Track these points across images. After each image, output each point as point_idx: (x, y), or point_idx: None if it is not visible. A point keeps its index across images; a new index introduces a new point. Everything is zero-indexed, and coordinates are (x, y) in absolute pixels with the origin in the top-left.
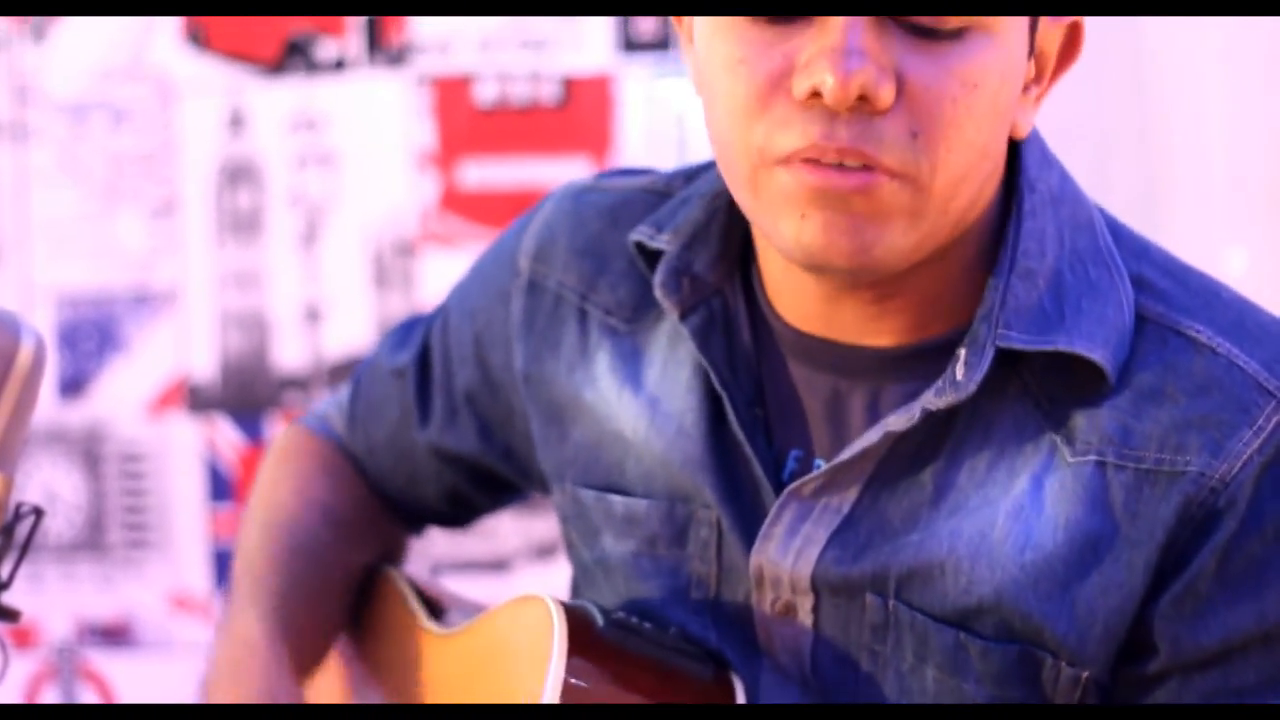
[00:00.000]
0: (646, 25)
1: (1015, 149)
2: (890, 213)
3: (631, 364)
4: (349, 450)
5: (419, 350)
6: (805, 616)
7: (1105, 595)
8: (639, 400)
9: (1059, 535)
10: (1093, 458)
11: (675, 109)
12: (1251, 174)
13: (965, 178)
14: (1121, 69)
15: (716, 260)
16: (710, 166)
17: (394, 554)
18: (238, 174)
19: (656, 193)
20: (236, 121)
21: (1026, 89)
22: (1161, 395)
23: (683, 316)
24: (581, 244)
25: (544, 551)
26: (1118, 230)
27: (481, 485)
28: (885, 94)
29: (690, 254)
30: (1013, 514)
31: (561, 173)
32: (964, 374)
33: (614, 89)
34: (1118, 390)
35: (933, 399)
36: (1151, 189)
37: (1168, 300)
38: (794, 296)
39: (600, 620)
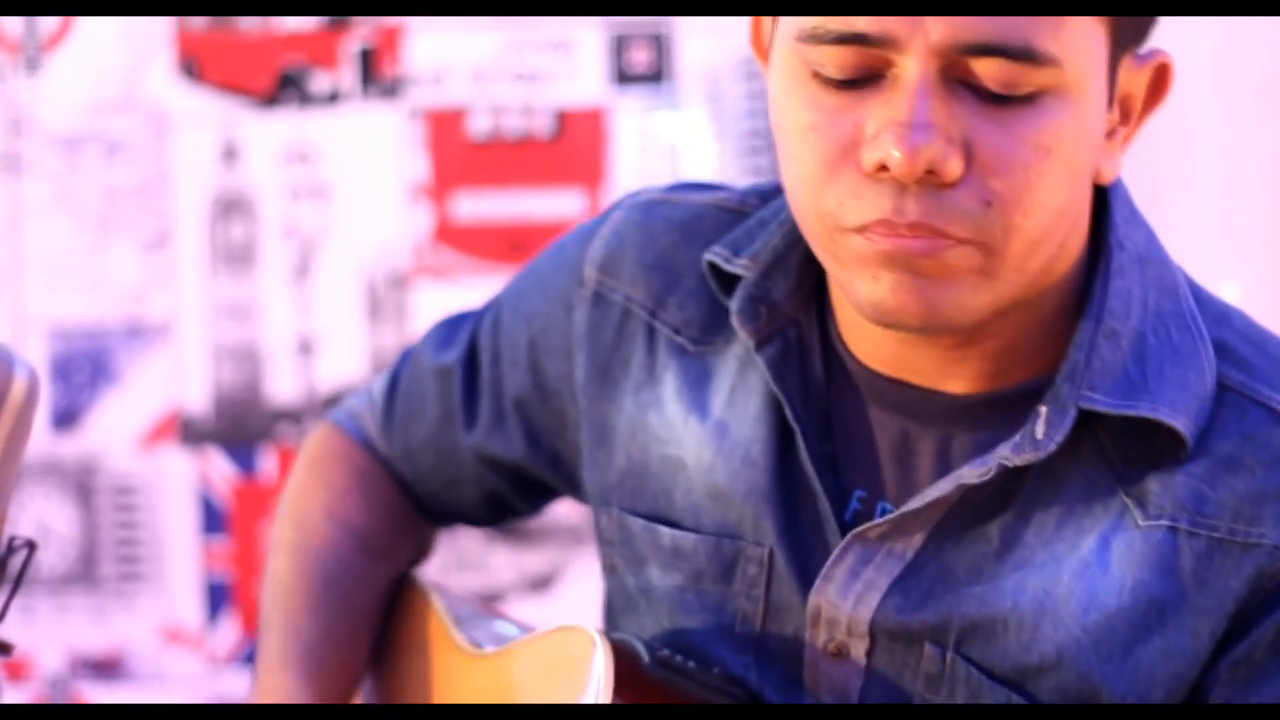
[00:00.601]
0: (639, 58)
1: (1103, 199)
2: (959, 273)
3: (698, 388)
4: (382, 452)
5: (466, 349)
6: (859, 658)
7: (1167, 661)
8: (705, 426)
9: (1124, 597)
10: (1165, 523)
11: (668, 142)
12: (1243, 206)
13: (1042, 239)
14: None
15: (794, 290)
16: None
17: (420, 556)
18: (231, 206)
19: (731, 210)
20: (230, 154)
21: (1112, 134)
22: (1239, 465)
23: (758, 346)
24: (651, 258)
25: (537, 584)
26: (1200, 294)
27: (523, 490)
28: (953, 167)
29: (769, 282)
30: (1078, 572)
31: (554, 206)
32: (1044, 433)
33: (607, 122)
34: (1194, 458)
35: (1010, 455)
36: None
37: (1249, 370)
38: (868, 338)
39: (645, 657)
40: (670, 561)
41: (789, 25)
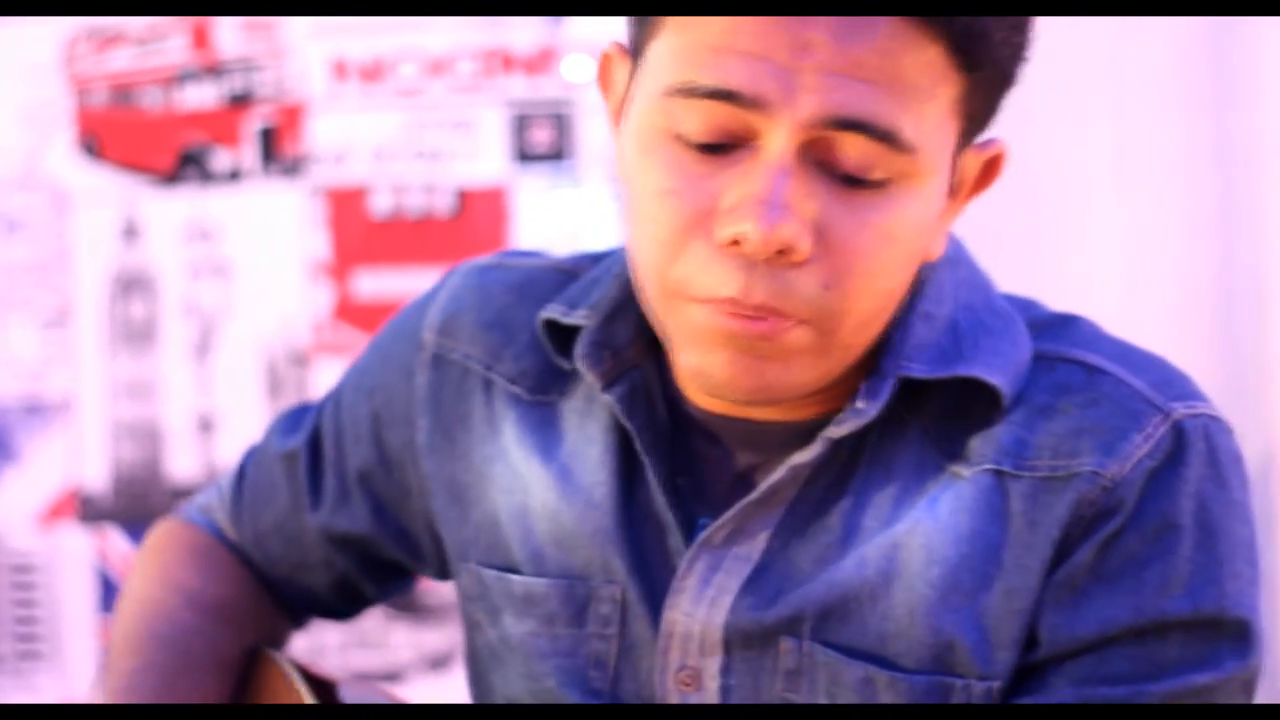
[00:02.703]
0: (540, 136)
1: None
2: (795, 354)
3: (538, 435)
4: (232, 540)
5: (311, 433)
6: (711, 681)
7: (1010, 600)
8: (549, 471)
9: (962, 547)
10: (989, 467)
11: (569, 220)
12: (1144, 281)
13: (872, 320)
14: (1012, 179)
15: (634, 339)
16: (618, 251)
17: (275, 641)
18: (131, 284)
19: (564, 271)
20: (130, 232)
21: (942, 215)
22: (1054, 411)
23: (606, 387)
24: (489, 317)
25: (437, 663)
26: (1006, 295)
27: (371, 571)
28: (805, 247)
29: (610, 329)
30: (912, 532)
31: None
32: (865, 402)
33: (508, 200)
34: (1011, 414)
35: (834, 429)
36: (1041, 296)
37: (1057, 338)
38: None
39: None
40: (523, 609)
41: (654, 82)
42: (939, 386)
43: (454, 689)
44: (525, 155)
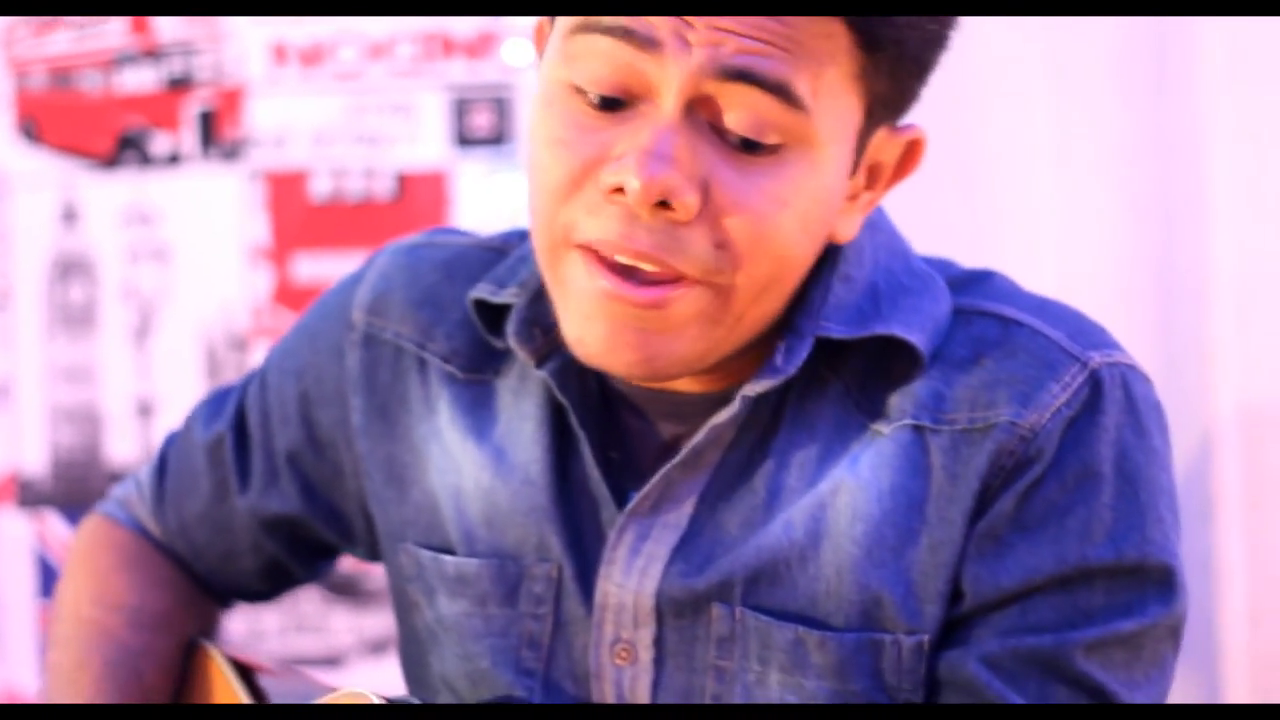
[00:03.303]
0: (480, 120)
1: None
2: (684, 324)
3: (472, 414)
4: (151, 533)
5: (234, 417)
6: (645, 653)
7: (935, 554)
8: (483, 451)
9: (885, 502)
10: (909, 422)
11: (510, 204)
12: (1084, 266)
13: (767, 289)
14: (953, 164)
15: None
16: None
17: (207, 631)
18: (70, 268)
19: (493, 249)
20: (69, 215)
21: (855, 197)
22: (971, 364)
23: (539, 364)
24: (418, 296)
25: (377, 647)
26: (925, 258)
27: (300, 552)
28: (688, 201)
29: (539, 306)
30: (834, 490)
31: None
32: (783, 360)
33: (448, 184)
34: (930, 368)
35: (751, 386)
36: (980, 249)
37: (974, 293)
38: None
39: None
40: (456, 589)
41: (560, 29)
42: (858, 346)
43: (394, 673)
44: (465, 139)
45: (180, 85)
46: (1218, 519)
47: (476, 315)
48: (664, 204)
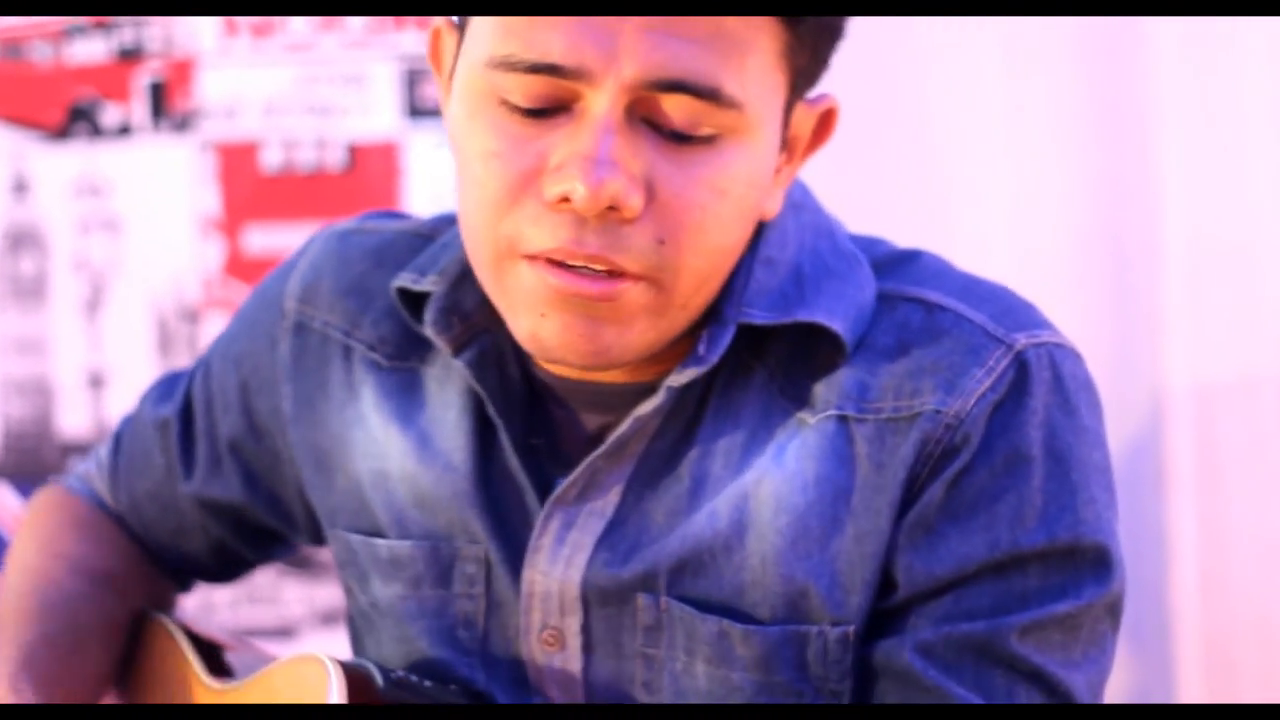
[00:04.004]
0: (432, 92)
1: None
2: (632, 315)
3: (396, 400)
4: (111, 508)
5: (182, 401)
6: (573, 640)
7: (861, 544)
8: (407, 436)
9: (810, 493)
10: (833, 413)
11: None
12: (1038, 235)
13: (709, 276)
14: (907, 147)
15: (483, 302)
16: None
17: (162, 605)
18: (21, 240)
19: (422, 235)
20: (20, 187)
21: (778, 171)
22: (895, 351)
23: (456, 352)
24: (346, 284)
25: (329, 618)
26: (853, 236)
27: (247, 537)
28: (634, 203)
29: (458, 294)
30: (759, 480)
31: None
32: (706, 349)
33: (400, 155)
34: (854, 356)
35: (675, 376)
36: (934, 249)
37: (898, 276)
38: None
39: (380, 680)
40: (389, 572)
41: (478, 51)
42: (782, 332)
43: (346, 644)
44: (417, 110)
45: (131, 56)
46: (1170, 491)
47: (401, 303)
48: (611, 207)
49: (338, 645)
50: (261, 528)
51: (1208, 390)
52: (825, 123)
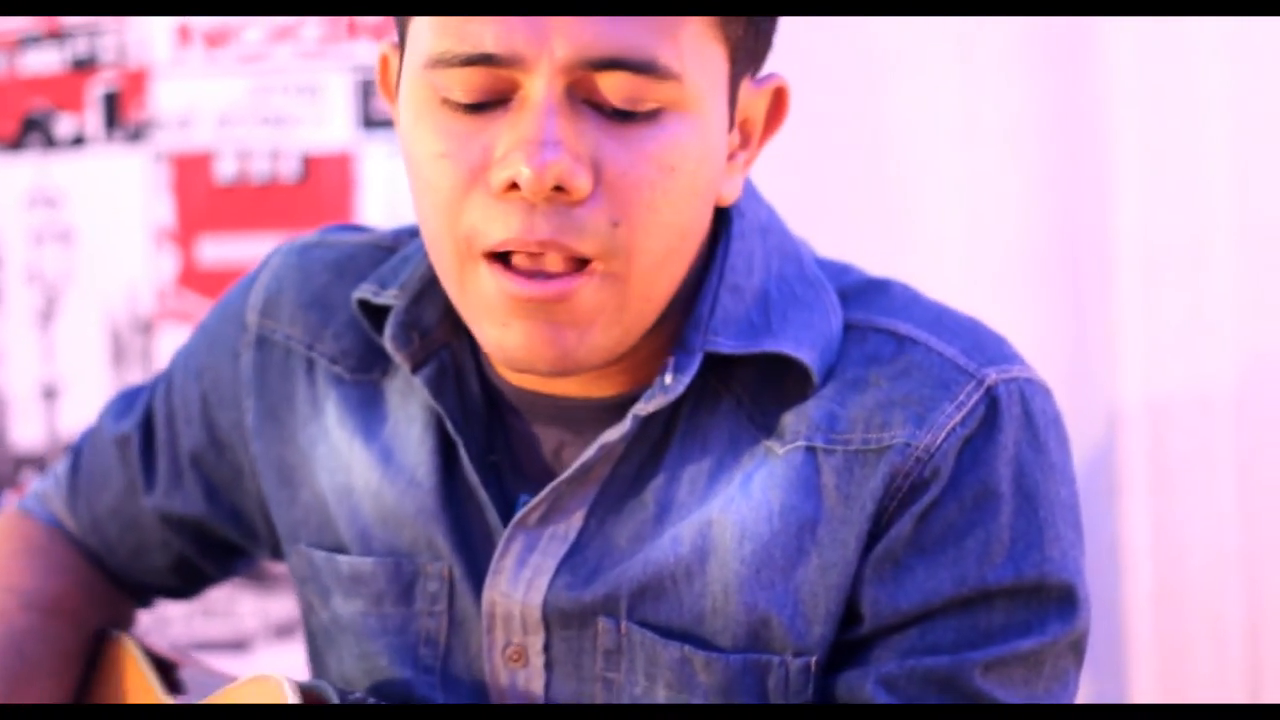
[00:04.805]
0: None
1: None
2: (593, 314)
3: (359, 414)
4: (66, 527)
5: (143, 416)
6: (536, 658)
7: (825, 575)
8: (371, 451)
9: (775, 523)
10: (802, 444)
11: None
12: (991, 244)
13: (665, 262)
14: (859, 155)
15: (443, 317)
16: None
17: (121, 623)
18: None
19: (384, 248)
20: None
21: (733, 157)
22: (865, 383)
23: (415, 369)
24: (308, 297)
25: (283, 631)
26: (821, 261)
27: (209, 552)
28: (581, 183)
29: (418, 309)
30: (726, 509)
31: None
32: (673, 378)
33: (354, 166)
34: (823, 387)
35: (642, 405)
36: (890, 258)
37: (868, 306)
38: None
39: (336, 701)
40: (351, 588)
41: (416, 55)
42: (749, 360)
43: (300, 657)
44: (371, 121)
45: (84, 67)
46: (1123, 504)
47: (362, 315)
48: (558, 188)
49: (292, 658)
50: (223, 542)
51: (1162, 401)
52: (778, 104)
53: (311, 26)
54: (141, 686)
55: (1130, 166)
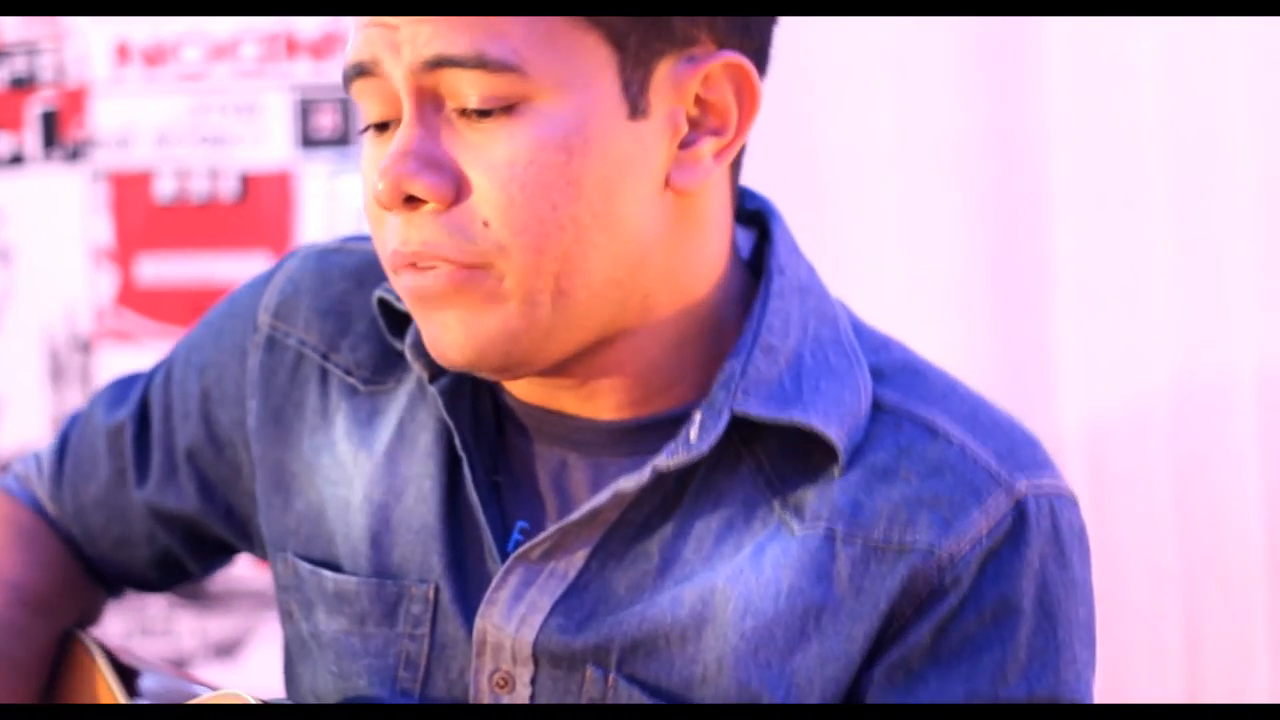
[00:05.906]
0: (325, 121)
1: (765, 231)
2: (487, 302)
3: (367, 426)
4: (50, 514)
5: (138, 406)
6: (523, 688)
7: (824, 666)
8: (373, 462)
9: (781, 603)
10: (822, 528)
11: (354, 205)
12: (927, 268)
13: (569, 254)
14: (795, 172)
15: None
16: None
17: (89, 618)
18: None
19: None
20: None
21: (690, 144)
22: (894, 475)
23: (432, 379)
24: (325, 304)
25: (222, 650)
26: (859, 327)
27: (196, 548)
28: (431, 187)
29: None
30: (733, 579)
31: (240, 268)
32: (698, 436)
33: (293, 185)
34: (850, 469)
35: (664, 460)
36: (825, 281)
37: (905, 390)
38: None
39: None
40: (335, 606)
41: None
42: (776, 427)
43: (239, 676)
44: (310, 140)
45: (23, 85)
46: None
47: (381, 314)
48: (412, 199)
49: (231, 677)
50: (213, 539)
51: (1099, 423)
52: (742, 84)
53: (250, 45)
54: (102, 691)
55: (1067, 190)
